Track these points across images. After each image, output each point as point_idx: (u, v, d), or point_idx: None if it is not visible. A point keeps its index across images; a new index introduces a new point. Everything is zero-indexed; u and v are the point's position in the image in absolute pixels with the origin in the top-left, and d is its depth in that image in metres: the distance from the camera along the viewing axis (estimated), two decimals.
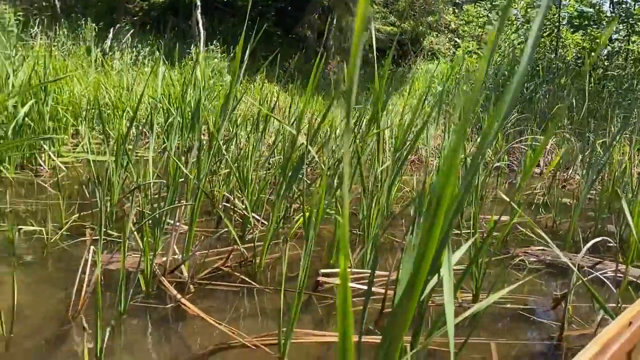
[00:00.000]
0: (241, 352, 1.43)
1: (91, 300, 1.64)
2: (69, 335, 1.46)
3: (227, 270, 1.98)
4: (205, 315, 1.60)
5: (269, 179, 2.59)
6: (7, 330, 1.42)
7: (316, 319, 1.66)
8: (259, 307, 1.74)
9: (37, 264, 1.93)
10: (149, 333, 1.52)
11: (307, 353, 1.43)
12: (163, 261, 1.92)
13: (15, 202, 2.69)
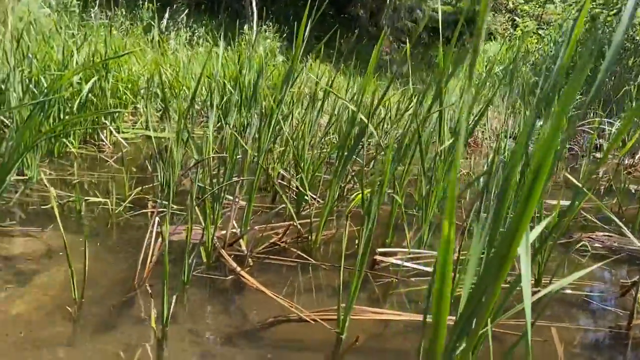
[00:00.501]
0: (299, 325, 1.45)
1: (155, 269, 1.70)
2: (135, 302, 1.52)
3: (283, 246, 2.01)
4: (264, 288, 1.63)
5: (323, 158, 2.59)
6: (79, 295, 1.49)
7: (372, 297, 1.66)
8: (315, 282, 1.76)
9: (102, 234, 2.01)
10: (210, 303, 1.57)
11: (363, 330, 1.44)
12: (222, 235, 1.96)
13: (80, 175, 2.81)
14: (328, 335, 1.41)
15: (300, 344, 1.37)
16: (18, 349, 1.23)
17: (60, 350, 1.25)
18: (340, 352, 1.35)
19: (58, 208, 2.25)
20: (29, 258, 1.74)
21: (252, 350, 1.32)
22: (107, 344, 1.29)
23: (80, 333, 1.33)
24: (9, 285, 1.55)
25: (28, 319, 1.37)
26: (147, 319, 1.42)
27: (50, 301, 1.48)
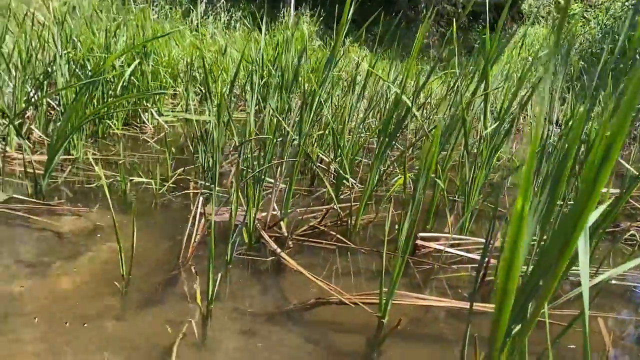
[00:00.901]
0: (339, 308, 1.46)
1: (198, 249, 1.73)
2: (179, 279, 1.55)
3: (323, 229, 2.02)
4: (304, 270, 1.64)
5: (362, 143, 2.58)
6: (127, 271, 1.53)
7: (413, 283, 1.65)
8: (354, 266, 1.76)
9: (146, 214, 2.06)
10: (251, 283, 1.59)
11: (404, 314, 1.43)
12: (263, 216, 1.98)
13: (124, 156, 2.87)
14: (368, 318, 1.41)
15: (340, 326, 1.38)
16: (68, 322, 1.28)
17: (109, 323, 1.29)
18: (381, 335, 1.35)
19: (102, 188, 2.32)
20: (77, 235, 1.80)
21: (293, 330, 1.33)
22: (154, 318, 1.33)
23: (127, 308, 1.37)
24: (59, 260, 1.60)
25: (77, 293, 1.42)
26: (191, 297, 1.45)
27: (98, 276, 1.52)
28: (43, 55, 3.13)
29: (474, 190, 1.97)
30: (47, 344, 1.19)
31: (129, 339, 1.23)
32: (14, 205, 2.01)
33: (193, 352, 1.20)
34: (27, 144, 2.42)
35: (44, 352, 1.16)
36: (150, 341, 1.23)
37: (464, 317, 1.48)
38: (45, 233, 1.80)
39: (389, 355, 1.27)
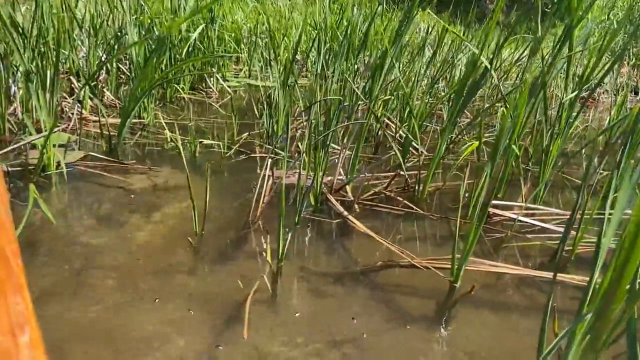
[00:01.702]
0: (409, 271, 1.44)
1: (266, 209, 1.75)
2: (249, 238, 1.57)
3: (389, 195, 1.99)
4: (372, 233, 1.63)
5: (431, 108, 2.51)
6: (200, 228, 1.57)
7: (484, 250, 1.61)
8: (422, 232, 1.73)
9: (215, 175, 2.09)
10: (318, 244, 1.59)
11: (476, 281, 1.40)
12: (329, 181, 1.97)
13: (191, 119, 2.93)
14: (439, 283, 1.39)
15: (409, 289, 1.36)
16: (143, 274, 1.32)
17: (182, 276, 1.32)
18: (453, 300, 1.32)
19: (172, 149, 2.37)
20: (150, 193, 1.86)
21: (361, 291, 1.33)
22: (225, 274, 1.36)
23: (200, 262, 1.41)
24: (134, 216, 1.66)
25: (152, 247, 1.47)
26: (261, 254, 1.47)
27: (171, 232, 1.57)
28: (113, 20, 3.21)
29: (550, 159, 1.88)
30: (123, 296, 1.23)
31: (203, 292, 1.27)
32: (90, 163, 2.09)
33: (265, 308, 1.22)
34: (102, 106, 2.51)
35: (120, 303, 1.20)
36: (223, 295, 1.26)
37: (536, 286, 1.42)
38: (119, 190, 1.87)
39: (460, 320, 1.24)
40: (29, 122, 2.05)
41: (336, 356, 1.07)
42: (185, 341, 1.08)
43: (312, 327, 1.16)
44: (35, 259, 1.35)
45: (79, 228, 1.55)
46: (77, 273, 1.30)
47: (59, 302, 1.18)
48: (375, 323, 1.20)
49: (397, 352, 1.10)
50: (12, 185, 1.80)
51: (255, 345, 1.08)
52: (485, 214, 1.32)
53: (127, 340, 1.07)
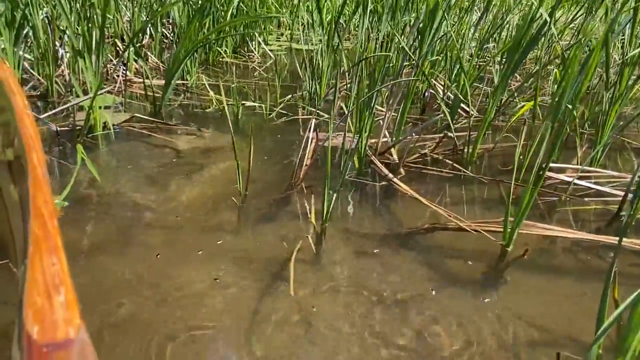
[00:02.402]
0: (457, 235, 1.39)
1: (309, 171, 1.72)
2: (293, 199, 1.55)
3: (436, 157, 1.93)
4: (418, 195, 1.58)
5: (479, 71, 2.40)
6: (244, 189, 1.56)
7: (536, 213, 1.54)
8: (471, 195, 1.67)
9: (258, 137, 2.07)
10: (363, 206, 1.56)
11: (528, 244, 1.33)
12: (373, 143, 1.92)
13: (235, 82, 2.91)
14: (490, 247, 1.33)
15: (458, 252, 1.31)
16: (189, 233, 1.32)
17: (226, 235, 1.32)
18: (504, 264, 1.27)
19: (216, 110, 2.37)
20: (194, 153, 1.86)
21: (407, 253, 1.29)
22: (269, 234, 1.34)
23: (244, 222, 1.40)
24: (179, 176, 1.66)
25: (197, 206, 1.47)
26: (305, 215, 1.45)
27: (216, 192, 1.56)
28: None
29: (609, 121, 1.77)
30: (169, 253, 1.24)
31: (247, 251, 1.26)
32: (136, 124, 2.11)
33: (308, 268, 1.20)
34: (146, 68, 2.51)
35: (165, 260, 1.21)
36: (268, 255, 1.24)
37: (592, 250, 1.35)
38: (164, 150, 1.88)
39: (512, 284, 1.19)
40: (76, 84, 2.07)
41: (381, 317, 1.04)
42: (229, 298, 1.08)
43: (356, 287, 1.14)
44: (83, 217, 1.37)
45: (126, 187, 1.57)
46: (124, 231, 1.32)
47: (107, 257, 1.19)
48: (422, 285, 1.16)
49: (444, 315, 1.06)
50: (60, 147, 1.84)
51: (300, 302, 1.07)
52: (543, 175, 1.26)
53: (172, 294, 1.07)
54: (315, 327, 1.00)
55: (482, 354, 0.95)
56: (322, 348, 0.95)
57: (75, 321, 0.35)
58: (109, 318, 0.99)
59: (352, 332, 0.99)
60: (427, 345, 0.97)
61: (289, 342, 0.96)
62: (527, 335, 1.01)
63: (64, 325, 0.34)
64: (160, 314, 1.01)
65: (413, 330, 1.01)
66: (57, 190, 1.48)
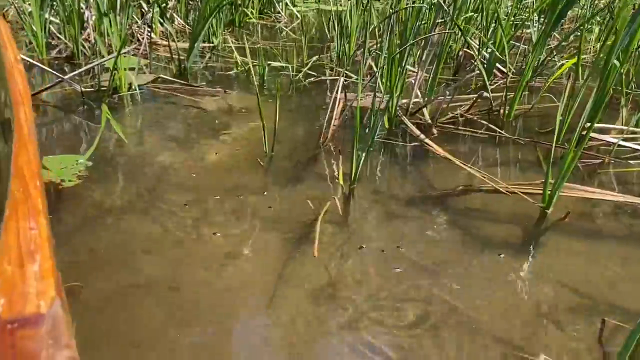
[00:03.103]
0: (494, 197, 1.33)
1: (337, 132, 1.66)
2: (320, 159, 1.50)
3: (470, 118, 1.84)
4: (451, 156, 1.51)
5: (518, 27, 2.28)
6: (270, 149, 1.51)
7: (577, 175, 1.45)
8: (506, 156, 1.59)
9: (284, 97, 2.02)
10: (392, 167, 1.50)
11: (568, 207, 1.26)
12: (404, 103, 1.85)
13: (261, 43, 2.84)
14: (528, 209, 1.26)
15: (494, 215, 1.25)
16: (213, 193, 1.29)
17: (252, 196, 1.28)
18: (543, 227, 1.20)
19: (242, 72, 2.31)
20: (219, 114, 1.82)
21: (439, 215, 1.23)
22: (295, 194, 1.30)
23: (270, 183, 1.36)
24: (204, 137, 1.63)
25: (222, 167, 1.43)
26: (332, 176, 1.40)
27: (242, 153, 1.52)
28: None
29: None
30: (193, 213, 1.21)
31: (272, 211, 1.22)
32: (161, 85, 2.07)
33: (335, 229, 1.16)
34: (172, 29, 2.47)
35: (190, 220, 1.18)
36: (294, 215, 1.20)
37: (636, 214, 1.27)
38: (190, 111, 1.84)
39: (551, 248, 1.13)
40: (101, 45, 2.04)
41: (412, 280, 1.00)
42: (254, 257, 1.04)
43: (385, 249, 1.09)
44: (109, 176, 1.35)
45: (151, 147, 1.54)
46: (149, 190, 1.29)
47: (132, 216, 1.17)
48: (456, 248, 1.11)
49: (480, 279, 1.01)
50: (86, 107, 1.82)
51: (325, 264, 1.03)
52: (587, 136, 1.17)
53: (197, 254, 1.04)
54: (338, 289, 0.96)
55: (521, 322, 0.90)
56: (344, 311, 0.91)
57: (49, 294, 0.30)
58: (133, 277, 0.97)
59: (378, 296, 0.95)
60: (458, 312, 0.92)
61: (312, 304, 0.92)
62: (568, 301, 0.96)
63: (35, 298, 0.30)
64: (184, 273, 0.99)
65: (442, 296, 0.96)
66: (82, 150, 1.46)
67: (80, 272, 0.97)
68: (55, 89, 1.94)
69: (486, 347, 0.84)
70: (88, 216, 1.16)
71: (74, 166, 1.35)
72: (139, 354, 0.80)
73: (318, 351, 0.82)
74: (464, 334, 0.86)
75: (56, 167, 1.33)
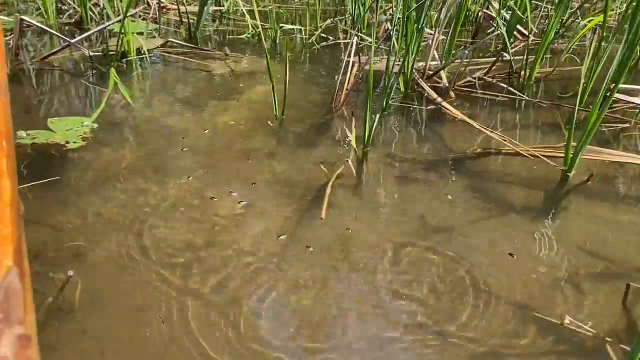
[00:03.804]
0: (512, 160, 1.28)
1: (351, 97, 1.61)
2: (332, 123, 1.46)
3: (490, 81, 1.78)
4: (469, 119, 1.46)
5: None
6: (280, 112, 1.47)
7: (600, 139, 1.39)
8: (527, 119, 1.53)
9: (297, 61, 1.96)
10: (408, 131, 1.45)
11: (591, 170, 1.21)
12: (421, 66, 1.78)
13: (273, 5, 2.77)
14: (548, 172, 1.21)
15: (513, 178, 1.20)
16: (223, 156, 1.26)
17: (263, 159, 1.24)
18: (564, 191, 1.16)
19: (253, 36, 2.26)
20: (229, 78, 1.77)
21: (456, 178, 1.19)
22: (307, 158, 1.26)
23: (281, 146, 1.32)
24: (214, 100, 1.59)
25: (231, 130, 1.40)
26: (345, 140, 1.35)
27: (252, 116, 1.48)
28: None
29: None
30: (202, 177, 1.18)
31: (284, 175, 1.18)
32: (171, 49, 2.03)
33: (347, 193, 1.12)
34: None
35: (199, 183, 1.15)
36: (305, 178, 1.17)
37: None
38: (199, 74, 1.80)
39: (572, 211, 1.08)
40: (109, 9, 2.00)
41: (426, 243, 0.96)
42: (263, 221, 1.01)
43: (399, 212, 1.05)
44: (117, 140, 1.32)
45: (159, 110, 1.51)
46: (158, 153, 1.26)
47: (140, 179, 1.14)
48: (473, 212, 1.07)
49: (496, 244, 0.97)
50: (94, 71, 1.78)
51: (336, 227, 1.00)
52: (611, 96, 1.11)
53: (206, 217, 1.02)
54: (349, 253, 0.93)
55: (540, 287, 0.86)
56: (354, 274, 0.88)
57: (3, 262, 0.27)
58: (141, 240, 0.94)
59: (392, 259, 0.92)
60: (475, 276, 0.88)
61: (322, 267, 0.89)
62: (590, 266, 0.91)
63: None
64: (193, 236, 0.96)
65: (458, 260, 0.92)
66: (89, 114, 1.43)
67: (87, 233, 0.95)
68: (65, 54, 1.91)
69: (505, 312, 0.80)
70: (93, 178, 1.13)
71: (79, 128, 1.32)
72: (139, 317, 0.78)
73: (324, 309, 0.80)
74: (481, 298, 0.83)
75: (61, 129, 1.31)
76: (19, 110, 1.46)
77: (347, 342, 0.74)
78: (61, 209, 1.02)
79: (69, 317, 0.77)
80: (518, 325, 0.78)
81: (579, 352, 0.74)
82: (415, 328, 0.77)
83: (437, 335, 0.75)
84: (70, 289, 0.82)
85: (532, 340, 0.75)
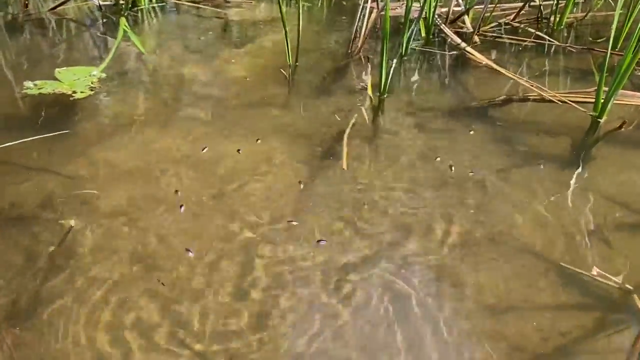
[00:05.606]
0: (540, 107, 1.20)
1: (368, 44, 1.54)
2: (348, 70, 1.40)
3: (517, 27, 1.68)
4: (495, 65, 1.37)
5: None
6: (293, 60, 1.41)
7: (634, 83, 1.30)
8: (556, 65, 1.45)
9: (312, 8, 1.89)
10: (428, 77, 1.38)
11: (620, 117, 1.13)
12: (444, 12, 1.69)
13: None
14: (577, 119, 1.14)
15: (540, 125, 1.13)
16: (237, 106, 1.21)
17: (275, 110, 1.19)
18: (594, 138, 1.08)
19: None
20: (243, 25, 1.71)
21: (479, 127, 1.12)
22: (321, 106, 1.21)
23: (295, 95, 1.27)
24: (227, 48, 1.53)
25: (244, 78, 1.34)
26: (361, 87, 1.29)
27: (265, 64, 1.43)
28: None
29: None
30: (215, 128, 1.13)
31: (297, 124, 1.13)
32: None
33: (363, 142, 1.07)
34: None
35: (213, 131, 1.11)
36: (320, 127, 1.12)
37: None
38: (212, 22, 1.74)
39: (602, 159, 1.01)
40: None
41: (448, 197, 0.91)
42: (280, 173, 0.97)
43: (416, 162, 1.00)
44: (128, 90, 1.28)
45: (170, 59, 1.46)
46: (169, 103, 1.22)
47: (151, 130, 1.11)
48: (498, 161, 1.00)
49: (523, 194, 0.91)
50: (105, 21, 1.74)
51: (353, 178, 0.95)
52: None
53: (218, 170, 0.98)
54: (367, 206, 0.88)
55: (568, 238, 0.81)
56: (372, 229, 0.84)
57: None
58: (151, 192, 0.92)
59: (409, 213, 0.87)
60: (499, 232, 0.83)
61: (340, 219, 0.85)
62: (621, 217, 0.85)
63: None
64: (202, 188, 0.93)
65: (481, 218, 0.87)
66: (98, 64, 1.40)
67: (97, 182, 0.92)
68: (78, 3, 1.86)
69: (531, 262, 0.76)
70: (101, 128, 1.10)
71: (86, 78, 1.29)
72: (145, 268, 0.75)
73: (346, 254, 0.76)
74: (504, 250, 0.78)
75: (69, 79, 1.27)
76: (27, 61, 1.43)
77: None
78: (71, 158, 1.00)
79: (76, 260, 0.75)
80: (544, 276, 0.73)
81: (606, 304, 0.69)
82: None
83: (458, 286, 0.71)
84: (77, 234, 0.80)
85: (558, 291, 0.71)
